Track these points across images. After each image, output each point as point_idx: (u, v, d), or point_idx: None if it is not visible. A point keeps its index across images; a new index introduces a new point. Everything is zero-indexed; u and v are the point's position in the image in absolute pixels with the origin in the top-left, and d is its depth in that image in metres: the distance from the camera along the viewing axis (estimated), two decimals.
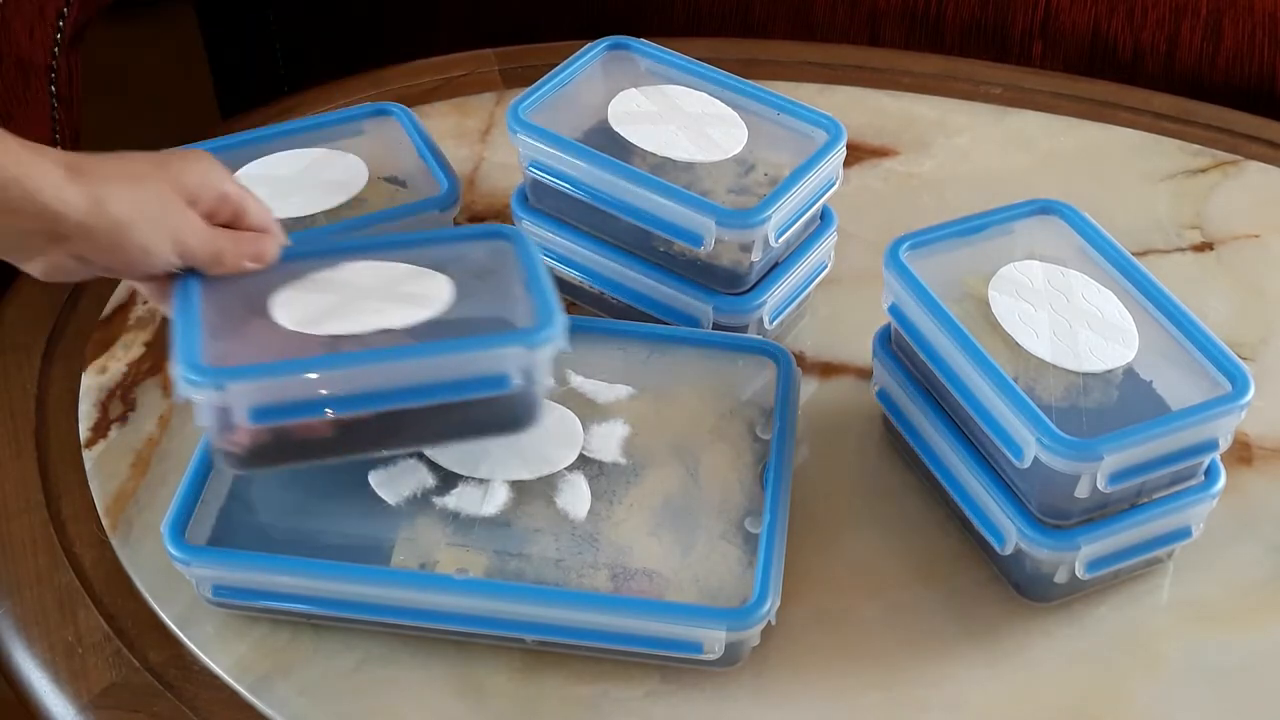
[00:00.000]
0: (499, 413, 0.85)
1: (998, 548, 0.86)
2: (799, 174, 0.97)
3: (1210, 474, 0.87)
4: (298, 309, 0.84)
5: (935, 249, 0.91)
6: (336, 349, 0.82)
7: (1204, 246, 1.14)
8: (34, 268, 0.81)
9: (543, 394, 0.85)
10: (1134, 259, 0.91)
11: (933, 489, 0.93)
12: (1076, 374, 0.85)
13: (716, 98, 1.03)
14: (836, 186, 1.01)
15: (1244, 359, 0.86)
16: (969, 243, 0.92)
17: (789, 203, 0.96)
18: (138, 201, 0.79)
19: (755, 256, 0.95)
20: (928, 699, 0.84)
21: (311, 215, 1.02)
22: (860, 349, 0.99)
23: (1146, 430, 0.81)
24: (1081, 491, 0.81)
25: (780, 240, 0.96)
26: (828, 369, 1.03)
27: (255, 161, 1.06)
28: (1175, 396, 0.84)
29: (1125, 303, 0.88)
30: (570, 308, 0.99)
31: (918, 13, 1.43)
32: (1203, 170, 1.21)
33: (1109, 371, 0.85)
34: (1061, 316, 0.87)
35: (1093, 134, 1.25)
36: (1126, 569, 0.88)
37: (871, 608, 0.88)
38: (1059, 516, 0.84)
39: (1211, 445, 0.84)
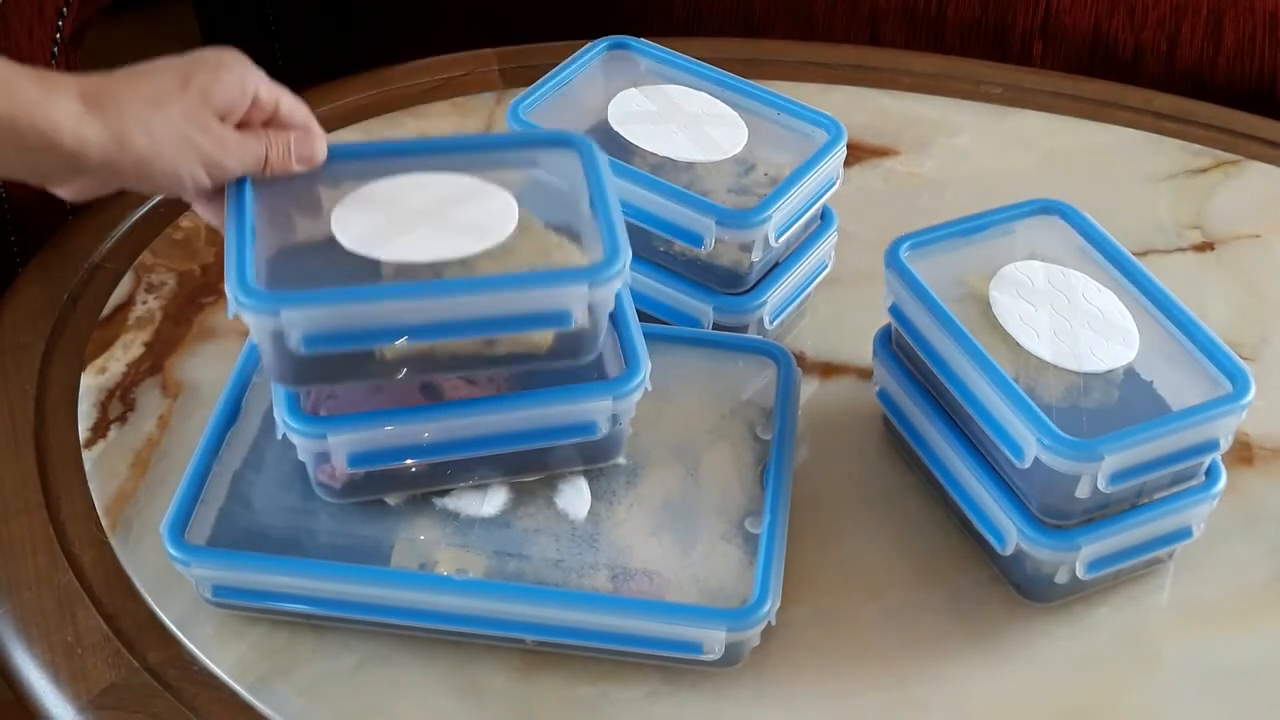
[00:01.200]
0: (583, 449, 0.87)
1: (998, 548, 0.86)
2: (799, 174, 0.97)
3: (1211, 474, 0.87)
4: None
5: (936, 249, 0.91)
6: (430, 392, 0.84)
7: (1205, 246, 1.14)
8: (64, 193, 0.80)
9: (626, 430, 0.87)
10: (1135, 259, 0.91)
11: (933, 489, 0.93)
12: (1077, 374, 0.84)
13: (717, 98, 1.03)
14: (837, 186, 1.01)
15: (1244, 359, 0.86)
16: (970, 242, 0.92)
17: (789, 202, 0.96)
18: (162, 129, 0.77)
19: (755, 256, 0.95)
20: (928, 699, 0.84)
21: (440, 262, 0.83)
22: (861, 349, 0.99)
23: (1147, 430, 0.81)
24: (1082, 492, 0.81)
25: (780, 240, 0.96)
26: (828, 369, 1.02)
27: (384, 179, 0.87)
28: (1176, 396, 0.84)
29: (1126, 303, 0.88)
30: None
31: (918, 12, 1.43)
32: (1203, 170, 1.21)
33: (1110, 371, 0.85)
34: (1062, 316, 0.87)
35: (1093, 134, 1.25)
36: (1127, 569, 0.88)
37: (872, 608, 0.88)
38: (1059, 517, 0.84)
39: (1212, 445, 0.84)
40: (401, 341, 0.80)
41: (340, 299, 0.79)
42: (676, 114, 1.01)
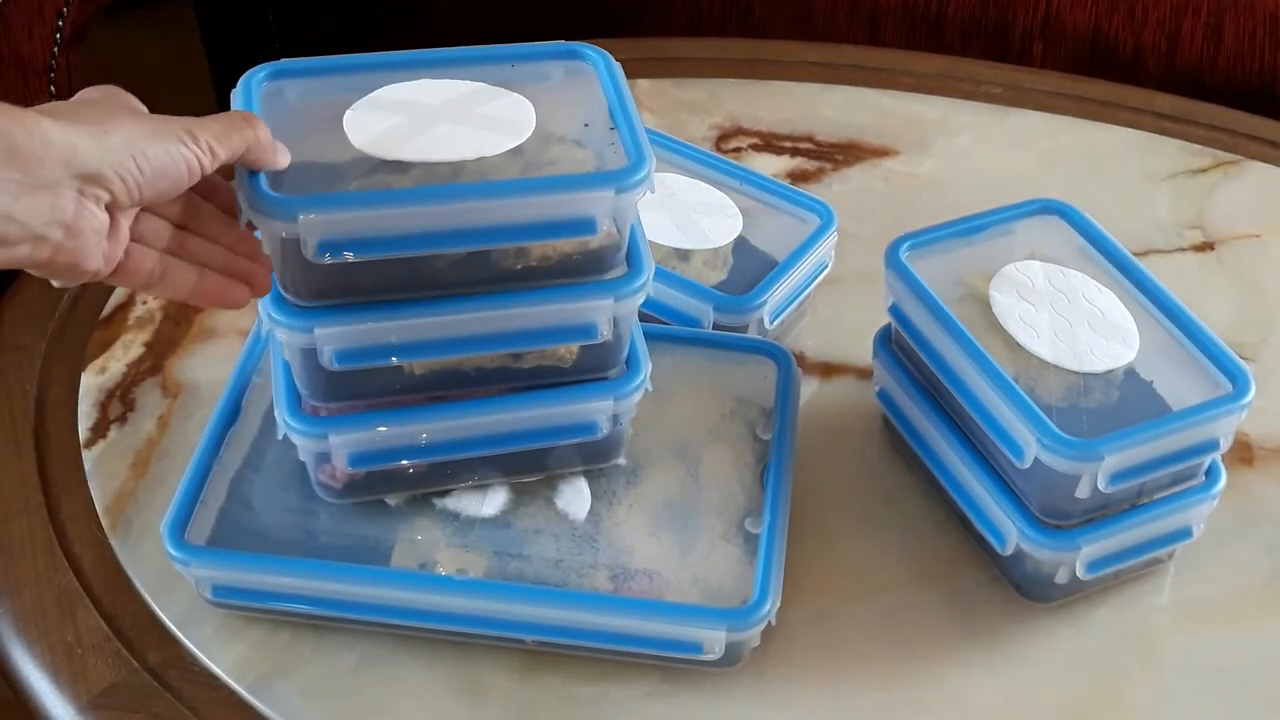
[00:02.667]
0: (584, 450, 0.87)
1: (998, 548, 0.86)
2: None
3: (1211, 474, 0.87)
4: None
5: (936, 249, 0.91)
6: (433, 391, 0.83)
7: (1205, 246, 1.14)
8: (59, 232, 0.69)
9: (627, 430, 0.87)
10: (1135, 259, 0.91)
11: (933, 489, 0.93)
12: (1077, 374, 0.84)
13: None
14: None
15: (1244, 359, 0.86)
16: (970, 242, 0.92)
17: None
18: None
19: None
20: (927, 699, 0.84)
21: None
22: (860, 349, 0.99)
23: (1147, 430, 0.81)
24: (1082, 492, 0.81)
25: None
26: (828, 369, 1.02)
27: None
28: (1176, 397, 0.84)
29: (1126, 303, 0.88)
30: None
31: (918, 12, 1.43)
32: (1203, 170, 1.21)
33: (1109, 372, 0.85)
34: (1062, 316, 0.87)
35: (1093, 134, 1.25)
36: (1127, 569, 0.88)
37: (871, 608, 0.88)
38: (1059, 517, 0.83)
39: (1212, 445, 0.84)
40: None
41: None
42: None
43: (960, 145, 1.23)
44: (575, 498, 0.87)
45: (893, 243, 0.90)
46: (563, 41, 0.88)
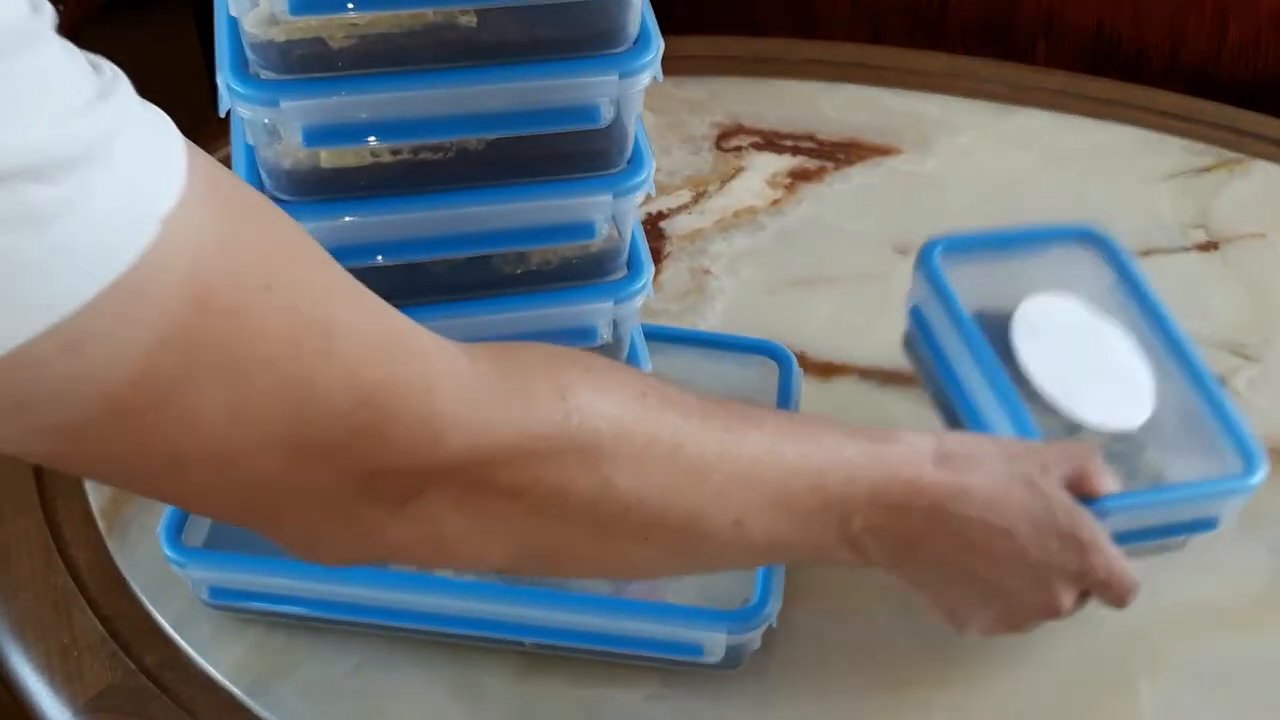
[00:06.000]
0: None
1: None
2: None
3: (1250, 463, 0.85)
4: None
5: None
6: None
7: (1209, 246, 1.13)
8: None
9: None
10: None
11: None
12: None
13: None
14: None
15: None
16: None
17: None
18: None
19: None
20: (930, 701, 0.83)
21: None
22: (862, 349, 0.99)
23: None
24: None
25: None
26: (829, 369, 1.02)
27: None
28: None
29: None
30: None
31: (920, 10, 1.43)
32: (1208, 169, 1.20)
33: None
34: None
35: (1096, 132, 1.25)
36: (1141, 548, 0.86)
37: (873, 610, 0.87)
38: None
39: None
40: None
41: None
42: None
43: (962, 144, 1.22)
44: None
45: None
46: None
